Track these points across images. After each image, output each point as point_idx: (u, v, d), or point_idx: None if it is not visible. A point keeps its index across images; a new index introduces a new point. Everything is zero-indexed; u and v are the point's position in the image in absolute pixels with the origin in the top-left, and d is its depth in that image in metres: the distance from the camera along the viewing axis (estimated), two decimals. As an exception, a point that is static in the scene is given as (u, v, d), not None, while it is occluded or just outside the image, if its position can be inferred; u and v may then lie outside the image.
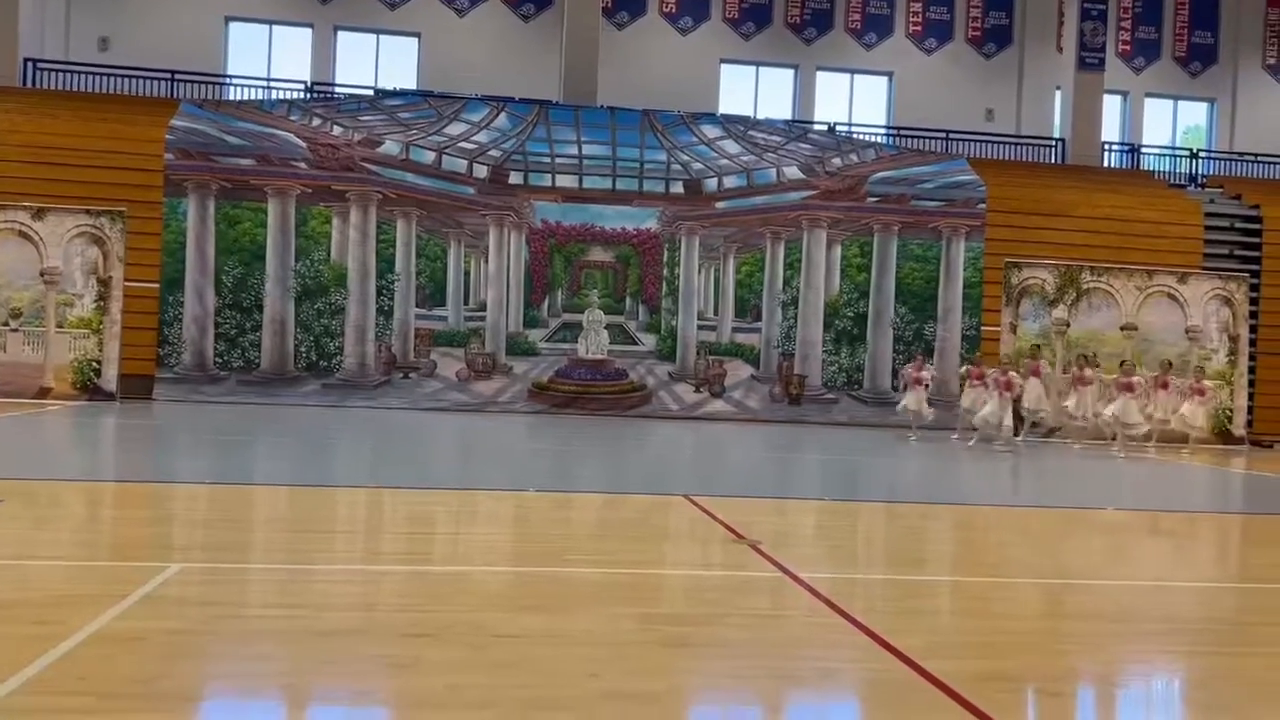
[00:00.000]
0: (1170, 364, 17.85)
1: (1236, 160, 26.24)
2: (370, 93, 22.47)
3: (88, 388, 16.96)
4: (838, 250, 20.39)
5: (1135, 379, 16.42)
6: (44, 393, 16.76)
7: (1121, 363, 17.24)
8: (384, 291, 19.25)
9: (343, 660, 4.00)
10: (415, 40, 24.66)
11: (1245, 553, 8.29)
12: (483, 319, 19.59)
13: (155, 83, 22.02)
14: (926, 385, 16.81)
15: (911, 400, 16.65)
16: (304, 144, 19.22)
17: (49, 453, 11.40)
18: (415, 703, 3.60)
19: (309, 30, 24.43)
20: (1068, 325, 18.95)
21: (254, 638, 4.30)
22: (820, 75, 26.10)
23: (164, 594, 4.86)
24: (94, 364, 17.04)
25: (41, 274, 17.01)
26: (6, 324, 16.94)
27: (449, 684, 3.76)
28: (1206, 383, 17.46)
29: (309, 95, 22.69)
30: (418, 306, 19.41)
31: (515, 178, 19.87)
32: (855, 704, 3.99)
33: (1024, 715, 3.87)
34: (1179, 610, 5.75)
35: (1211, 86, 27.50)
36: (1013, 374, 15.84)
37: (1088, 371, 16.99)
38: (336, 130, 19.54)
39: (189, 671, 3.86)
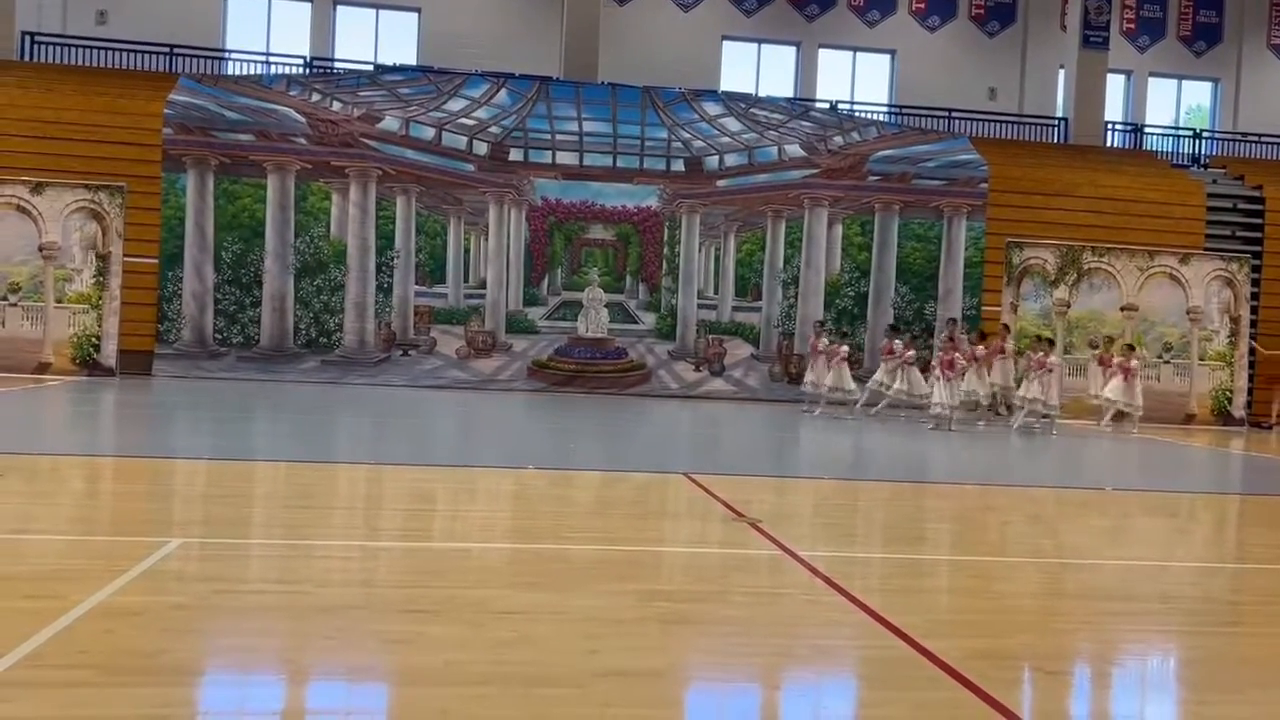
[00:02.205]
0: (1111, 339, 17.64)
1: (1240, 141, 26.12)
2: (370, 68, 22.34)
3: (87, 363, 16.95)
4: (839, 229, 20.34)
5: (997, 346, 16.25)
6: (43, 368, 16.75)
7: (961, 327, 16.99)
8: (384, 268, 19.20)
9: (342, 636, 4.01)
10: (415, 15, 24.50)
11: (1238, 534, 8.30)
12: (482, 297, 19.55)
13: (154, 57, 21.87)
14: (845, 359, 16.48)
15: (841, 377, 16.29)
16: (303, 119, 19.13)
17: (48, 427, 11.40)
18: (414, 679, 3.61)
19: (308, 5, 24.26)
20: (1068, 306, 18.93)
21: (254, 613, 4.31)
22: (822, 53, 25.94)
23: (164, 569, 4.87)
24: (93, 339, 17.02)
25: (40, 249, 16.96)
26: (5, 299, 16.90)
27: (448, 660, 3.77)
28: (1134, 361, 17.00)
29: (308, 70, 22.56)
30: (417, 284, 19.36)
31: (515, 155, 19.78)
32: (854, 681, 4.00)
33: (1023, 693, 3.88)
34: (1175, 589, 5.76)
35: (1216, 66, 27.35)
36: (956, 355, 15.45)
37: (1051, 358, 16.49)
38: (336, 106, 19.44)
39: (189, 646, 3.86)
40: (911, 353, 16.02)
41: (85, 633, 3.84)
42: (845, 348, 16.37)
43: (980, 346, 16.45)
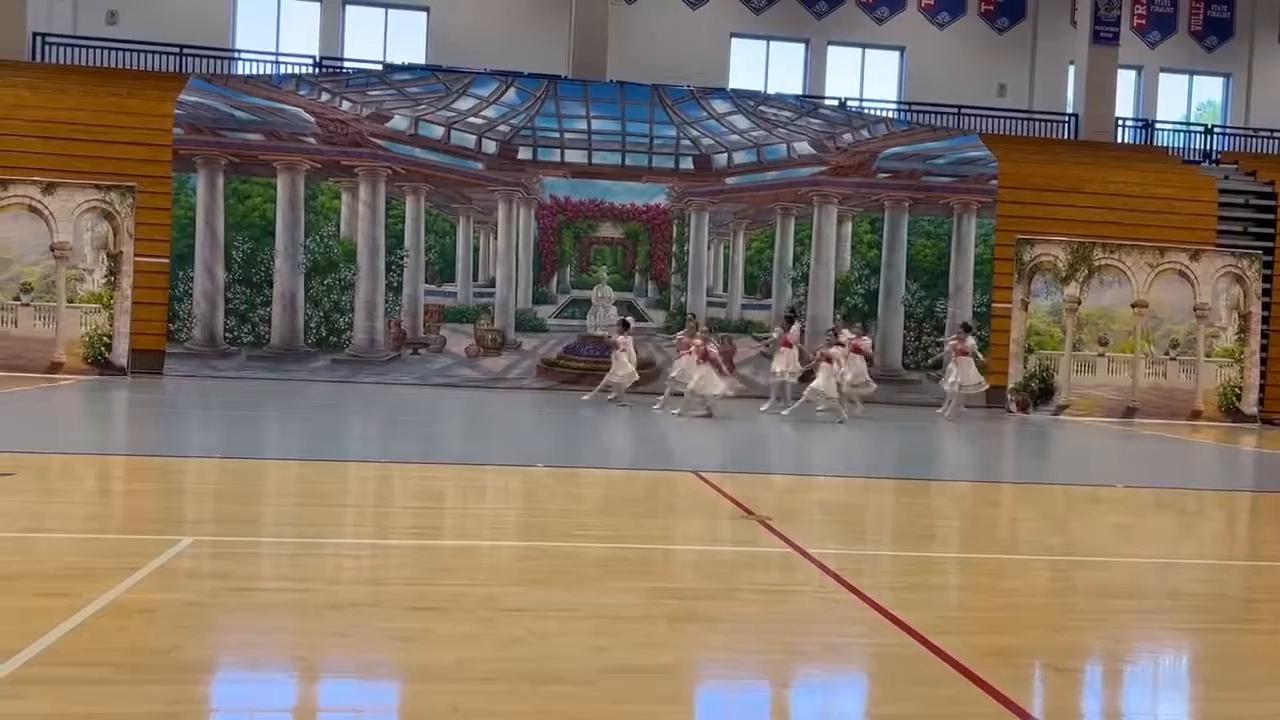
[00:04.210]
0: (967, 326, 17.40)
1: (1252, 136, 25.99)
2: (379, 67, 22.37)
3: (98, 362, 17.02)
4: (848, 226, 20.30)
5: (834, 351, 15.77)
6: (55, 367, 16.83)
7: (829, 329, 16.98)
8: (393, 267, 19.24)
9: (352, 633, 4.03)
10: (424, 14, 24.53)
11: (1249, 531, 8.27)
12: (492, 295, 19.57)
13: (164, 57, 21.95)
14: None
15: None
16: (313, 119, 19.17)
17: (60, 426, 11.45)
18: (424, 676, 3.62)
19: (318, 4, 24.32)
20: (1079, 302, 18.87)
21: (265, 610, 4.33)
22: (831, 50, 25.90)
23: (176, 567, 4.90)
24: (105, 339, 17.09)
25: (52, 249, 17.04)
26: (17, 299, 16.98)
27: (457, 658, 3.78)
28: (969, 340, 16.69)
29: (318, 70, 22.61)
30: (427, 283, 19.40)
31: (524, 153, 19.80)
32: (864, 678, 4.00)
33: (1032, 690, 3.87)
34: (1186, 586, 5.74)
35: (1227, 61, 27.22)
36: (834, 349, 15.36)
37: (833, 349, 15.94)
38: (345, 105, 19.48)
39: (201, 643, 3.88)
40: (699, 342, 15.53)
41: (99, 630, 3.87)
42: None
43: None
